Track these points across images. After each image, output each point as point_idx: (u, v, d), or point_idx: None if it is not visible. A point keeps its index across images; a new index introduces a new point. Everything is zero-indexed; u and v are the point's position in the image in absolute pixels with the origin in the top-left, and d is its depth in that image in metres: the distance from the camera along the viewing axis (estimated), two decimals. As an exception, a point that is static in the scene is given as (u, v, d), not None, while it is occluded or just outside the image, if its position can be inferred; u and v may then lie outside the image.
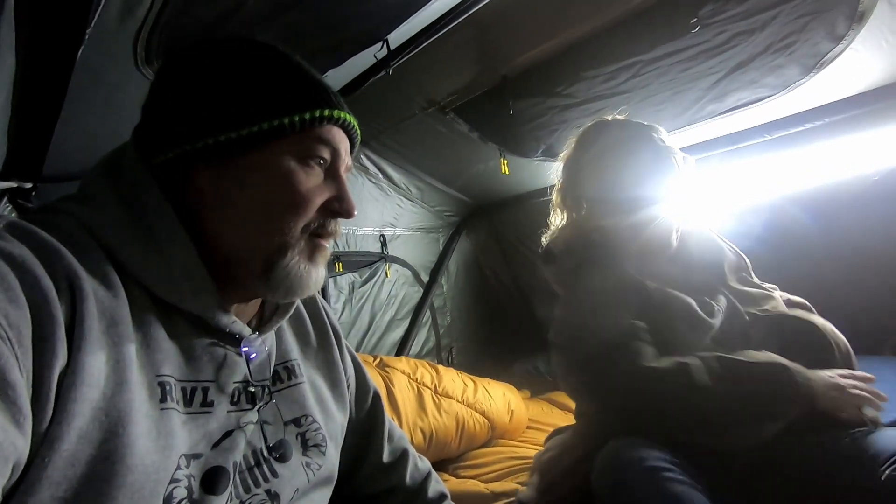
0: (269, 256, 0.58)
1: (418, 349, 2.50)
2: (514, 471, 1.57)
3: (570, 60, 1.46)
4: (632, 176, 1.08)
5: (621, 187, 1.09)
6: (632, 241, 1.10)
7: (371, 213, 2.25)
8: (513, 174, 2.04)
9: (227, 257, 0.59)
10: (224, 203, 0.58)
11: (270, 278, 0.59)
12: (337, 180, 0.62)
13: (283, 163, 0.58)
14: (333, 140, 0.61)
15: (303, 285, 0.61)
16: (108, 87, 1.02)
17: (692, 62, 1.39)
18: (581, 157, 1.19)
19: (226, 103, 0.57)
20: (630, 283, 1.04)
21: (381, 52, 1.28)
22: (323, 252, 0.63)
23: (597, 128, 1.20)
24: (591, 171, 1.15)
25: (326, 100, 0.60)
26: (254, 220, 0.58)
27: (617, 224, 1.11)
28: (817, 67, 1.33)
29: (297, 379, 0.70)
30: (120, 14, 0.79)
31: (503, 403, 1.96)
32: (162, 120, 0.60)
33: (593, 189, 1.14)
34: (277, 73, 0.60)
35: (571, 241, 1.19)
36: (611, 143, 1.13)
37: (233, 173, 0.57)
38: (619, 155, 1.11)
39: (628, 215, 1.08)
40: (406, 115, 1.77)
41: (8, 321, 0.41)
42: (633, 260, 1.09)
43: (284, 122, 0.57)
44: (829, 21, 1.20)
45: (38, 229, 0.49)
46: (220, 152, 0.57)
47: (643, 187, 1.07)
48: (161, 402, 0.51)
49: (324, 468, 0.67)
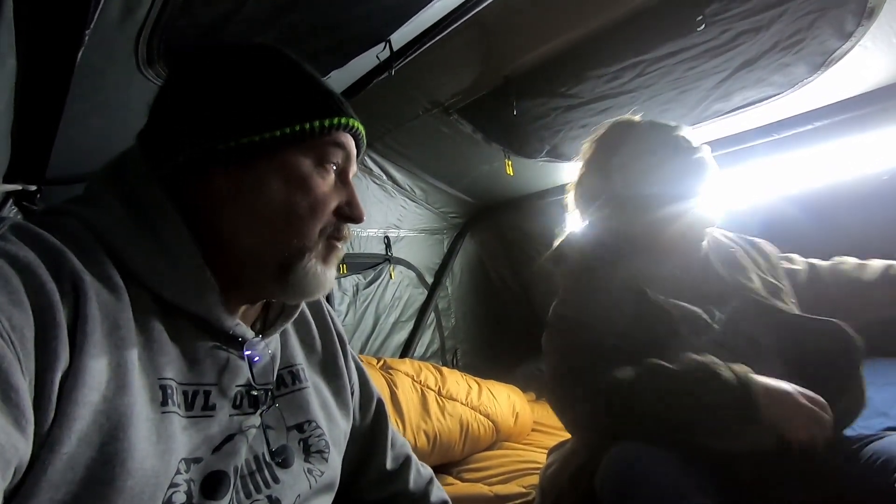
0: (287, 258, 0.59)
1: (423, 351, 2.49)
2: (519, 474, 1.55)
3: (574, 60, 1.45)
4: (667, 178, 1.06)
5: (657, 189, 1.07)
6: (659, 242, 1.09)
7: (375, 214, 2.25)
8: (517, 175, 2.03)
9: (242, 260, 0.59)
10: (242, 205, 0.58)
11: (289, 280, 0.59)
12: (347, 185, 0.64)
13: (301, 167, 0.59)
14: (346, 146, 0.63)
15: (318, 286, 0.61)
16: (110, 89, 1.02)
17: (697, 61, 1.37)
18: (610, 159, 1.14)
19: (247, 107, 0.58)
20: (630, 292, 1.03)
21: (383, 53, 1.27)
22: (337, 254, 0.64)
23: (622, 129, 1.17)
24: (624, 173, 1.11)
25: (339, 107, 0.62)
26: (273, 222, 0.59)
27: (649, 226, 1.09)
28: (825, 65, 1.31)
29: (302, 384, 0.69)
30: (120, 15, 0.79)
31: (508, 406, 1.95)
32: (175, 123, 0.59)
33: (627, 191, 1.11)
34: (294, 80, 0.61)
35: (586, 242, 1.18)
36: (644, 145, 1.10)
37: (252, 176, 0.58)
38: (653, 158, 1.08)
39: (664, 217, 1.07)
40: (410, 116, 1.77)
41: (11, 324, 0.41)
42: (647, 264, 1.08)
43: (305, 128, 0.58)
44: (838, 18, 1.18)
45: (43, 231, 0.49)
46: (240, 155, 0.57)
47: (678, 189, 1.05)
48: (162, 405, 0.51)
49: (326, 475, 0.67)
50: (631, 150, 1.11)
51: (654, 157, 1.08)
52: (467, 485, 1.55)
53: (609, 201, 1.13)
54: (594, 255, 1.13)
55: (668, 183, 1.06)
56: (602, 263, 1.10)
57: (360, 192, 0.67)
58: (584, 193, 1.21)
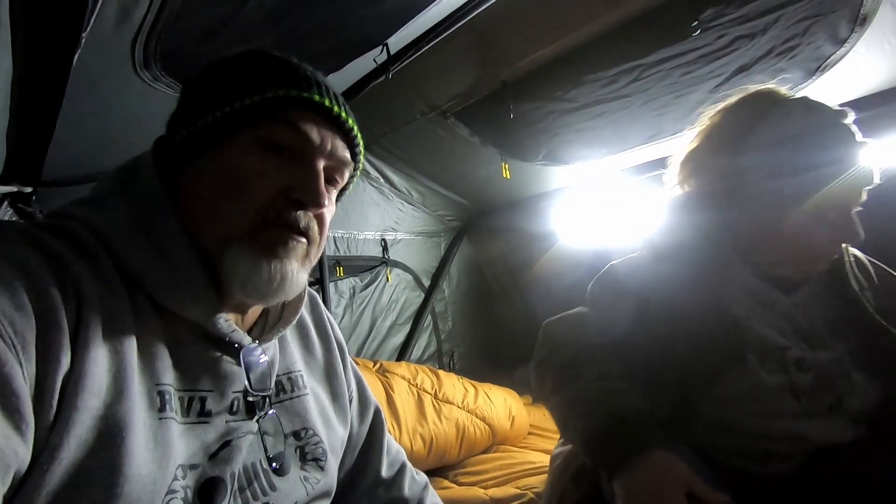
0: (217, 248, 0.56)
1: (419, 354, 2.49)
2: (515, 477, 1.55)
3: (571, 65, 1.46)
4: (821, 175, 0.86)
5: (805, 185, 0.86)
6: (778, 251, 0.91)
7: (372, 217, 2.25)
8: (514, 178, 2.03)
9: (216, 266, 0.57)
10: (194, 199, 0.58)
11: (224, 272, 0.56)
12: (306, 168, 0.58)
13: (235, 150, 0.56)
14: (301, 123, 0.57)
15: (258, 281, 0.55)
16: (106, 91, 1.02)
17: (693, 66, 1.38)
18: (745, 135, 0.91)
19: (194, 101, 0.59)
20: (709, 300, 0.90)
21: (380, 56, 1.28)
22: (287, 245, 0.57)
23: (766, 102, 0.92)
24: (767, 155, 0.88)
25: (291, 81, 0.57)
26: (208, 213, 0.56)
27: (775, 227, 0.89)
28: (820, 71, 1.33)
29: (301, 391, 0.69)
30: (116, 18, 0.79)
31: (504, 409, 1.95)
32: (170, 129, 0.62)
33: (762, 178, 0.89)
34: (245, 67, 0.59)
35: (694, 228, 0.97)
36: (798, 127, 0.87)
37: (198, 174, 0.58)
38: (809, 145, 0.86)
39: (799, 222, 0.87)
40: (407, 119, 1.77)
41: (13, 328, 0.41)
42: (746, 273, 0.92)
43: (235, 108, 0.55)
44: (832, 24, 1.19)
45: (47, 235, 0.49)
46: (185, 154, 0.58)
47: (831, 192, 0.86)
48: (160, 411, 0.51)
49: (322, 483, 0.66)
50: (779, 129, 0.88)
51: (809, 142, 0.86)
52: (463, 488, 1.55)
53: (743, 185, 0.91)
54: (685, 242, 0.96)
55: (820, 181, 0.85)
56: (691, 253, 0.93)
57: (356, 195, 0.65)
58: (700, 168, 0.98)
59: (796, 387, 0.84)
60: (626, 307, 0.96)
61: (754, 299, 0.91)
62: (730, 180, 0.92)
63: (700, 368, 0.87)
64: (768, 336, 0.87)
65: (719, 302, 0.89)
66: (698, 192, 0.98)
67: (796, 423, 0.83)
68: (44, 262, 0.46)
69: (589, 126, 1.70)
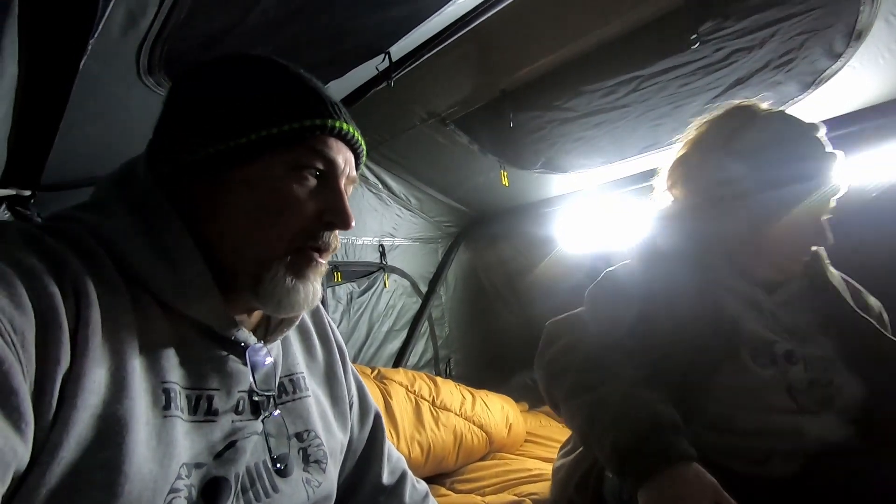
0: (255, 269, 0.58)
1: (416, 360, 2.48)
2: (512, 484, 1.55)
3: (570, 75, 1.47)
4: (797, 182, 0.92)
5: (783, 191, 0.93)
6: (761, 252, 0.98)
7: (370, 223, 2.25)
8: (513, 186, 2.04)
9: (225, 269, 0.59)
10: (217, 217, 0.58)
11: (259, 292, 0.58)
12: (334, 191, 0.61)
13: (270, 174, 0.58)
14: (329, 151, 0.60)
15: (293, 302, 0.59)
16: (110, 96, 1.02)
17: (692, 77, 1.39)
18: (729, 144, 0.98)
19: (217, 116, 0.58)
20: (706, 302, 0.95)
21: (382, 63, 1.28)
22: (315, 267, 0.61)
23: (748, 114, 1.00)
24: (749, 163, 0.95)
25: (321, 110, 0.59)
26: (241, 232, 0.58)
27: (757, 229, 0.96)
28: (815, 84, 1.34)
29: (302, 393, 0.69)
30: (124, 24, 0.79)
31: (501, 416, 1.94)
32: (162, 135, 0.61)
33: (753, 183, 0.95)
34: (270, 85, 0.60)
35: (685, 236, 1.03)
36: (775, 137, 0.94)
37: (225, 187, 0.58)
38: (783, 154, 0.93)
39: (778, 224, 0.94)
40: (406, 126, 1.78)
41: (13, 327, 0.41)
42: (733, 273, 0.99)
43: (273, 133, 0.56)
44: (827, 39, 1.21)
45: (46, 235, 0.49)
46: (212, 166, 0.57)
47: (805, 197, 0.93)
48: (164, 409, 0.51)
49: (323, 486, 0.66)
50: (758, 139, 0.95)
51: (785, 153, 0.93)
52: (461, 495, 1.54)
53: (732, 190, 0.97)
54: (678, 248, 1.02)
55: (798, 193, 0.92)
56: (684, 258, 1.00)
57: (354, 201, 0.66)
58: (686, 175, 1.05)
59: (788, 380, 0.89)
60: (627, 310, 1.00)
61: (743, 299, 0.97)
62: (714, 189, 0.99)
63: (698, 365, 0.90)
64: (759, 332, 0.92)
65: (714, 302, 0.94)
66: (687, 201, 1.05)
67: (791, 419, 0.87)
68: (43, 262, 0.46)
69: (587, 135, 1.71)
